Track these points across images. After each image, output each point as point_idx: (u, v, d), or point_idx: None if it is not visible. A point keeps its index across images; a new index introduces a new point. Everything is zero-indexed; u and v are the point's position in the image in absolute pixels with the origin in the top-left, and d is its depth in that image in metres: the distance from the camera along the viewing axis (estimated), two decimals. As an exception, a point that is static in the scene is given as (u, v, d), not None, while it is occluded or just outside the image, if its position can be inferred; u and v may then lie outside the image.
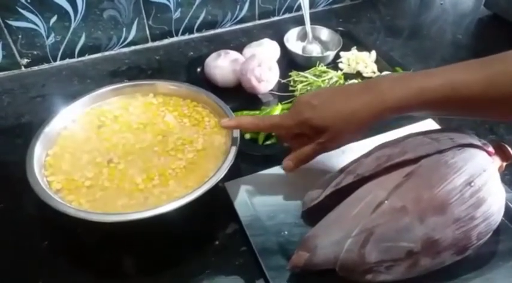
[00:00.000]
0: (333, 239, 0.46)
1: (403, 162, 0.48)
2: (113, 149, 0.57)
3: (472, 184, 0.46)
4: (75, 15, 0.81)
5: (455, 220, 0.44)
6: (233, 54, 0.76)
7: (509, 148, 0.52)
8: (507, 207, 0.54)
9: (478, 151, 0.50)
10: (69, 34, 0.82)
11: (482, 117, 0.60)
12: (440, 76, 0.47)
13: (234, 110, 0.70)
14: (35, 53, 0.82)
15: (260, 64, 0.72)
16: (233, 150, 0.55)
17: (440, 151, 0.48)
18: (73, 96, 0.63)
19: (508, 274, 0.49)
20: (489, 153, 0.51)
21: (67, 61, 0.86)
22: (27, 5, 0.76)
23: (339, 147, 0.55)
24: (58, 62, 0.85)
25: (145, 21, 0.87)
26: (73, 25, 0.82)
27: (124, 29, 0.86)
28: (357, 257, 0.44)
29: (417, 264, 0.44)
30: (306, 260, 0.47)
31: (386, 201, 0.45)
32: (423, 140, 0.50)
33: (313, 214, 0.52)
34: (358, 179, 0.50)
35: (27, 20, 0.77)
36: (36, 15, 0.78)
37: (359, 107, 0.49)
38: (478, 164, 0.47)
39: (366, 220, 0.44)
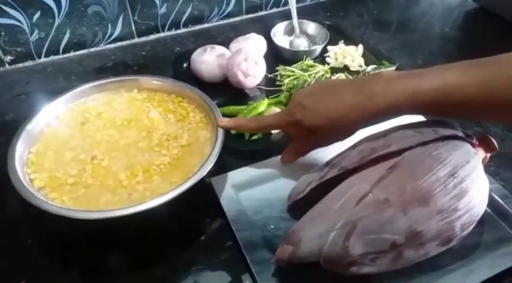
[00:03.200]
0: (317, 232, 0.46)
1: (386, 154, 0.48)
2: (97, 146, 0.57)
3: (456, 175, 0.46)
4: (59, 11, 0.80)
5: (438, 212, 0.44)
6: (219, 49, 0.76)
7: (493, 140, 0.53)
8: (492, 198, 0.55)
9: (462, 143, 0.50)
10: (53, 30, 0.81)
11: (478, 121, 0.60)
12: (435, 78, 0.46)
13: (221, 105, 0.70)
14: (19, 50, 0.81)
15: (246, 58, 0.72)
16: (218, 145, 0.54)
17: (424, 144, 0.48)
18: (58, 93, 0.62)
19: (491, 264, 0.49)
20: (473, 145, 0.51)
21: (52, 58, 0.85)
22: (9, 1, 0.75)
23: (331, 143, 0.56)
24: (43, 59, 0.84)
25: (130, 16, 0.86)
26: (57, 21, 0.81)
27: (109, 25, 0.85)
28: (341, 250, 0.44)
29: (401, 255, 0.44)
30: (291, 253, 0.46)
31: (370, 194, 0.45)
32: (407, 132, 0.50)
33: (299, 208, 0.52)
34: (342, 172, 0.50)
35: (9, 16, 0.76)
36: (18, 11, 0.76)
37: (350, 109, 0.49)
38: (461, 156, 0.48)
39: (349, 213, 0.44)
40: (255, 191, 0.58)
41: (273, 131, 0.66)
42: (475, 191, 0.47)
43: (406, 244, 0.44)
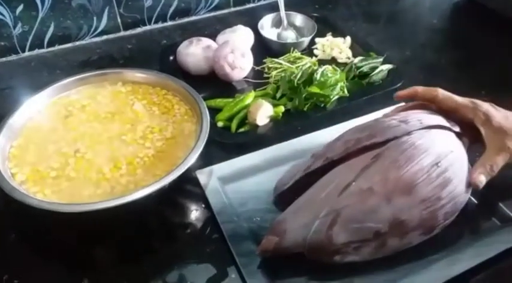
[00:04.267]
0: (302, 222, 0.46)
1: (371, 145, 0.48)
2: (80, 139, 0.56)
3: (439, 164, 0.46)
4: (43, 4, 0.78)
5: (421, 201, 0.44)
6: (206, 41, 0.75)
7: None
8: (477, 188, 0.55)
9: (446, 133, 0.50)
10: (37, 24, 0.80)
11: None
12: None
13: (208, 98, 0.69)
14: (2, 43, 0.80)
15: (233, 51, 0.71)
16: (203, 137, 0.54)
17: (409, 133, 0.48)
18: (42, 88, 0.62)
19: (475, 253, 0.49)
20: (458, 134, 0.51)
21: (36, 52, 0.83)
22: (-9, -7, 0.73)
23: None
24: (27, 53, 0.83)
25: (116, 9, 0.85)
26: (41, 14, 0.79)
27: (94, 18, 0.84)
28: (325, 238, 0.44)
29: (385, 244, 0.44)
30: (276, 244, 0.46)
31: (353, 183, 0.45)
32: (391, 122, 0.50)
33: (285, 200, 0.52)
34: (327, 163, 0.50)
35: (-9, 9, 0.75)
36: (1, 4, 0.75)
37: None
38: (445, 145, 0.48)
39: (333, 202, 0.44)
40: (241, 184, 0.58)
41: (261, 124, 0.65)
42: (458, 180, 0.47)
43: (389, 233, 0.44)
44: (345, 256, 0.44)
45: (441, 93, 0.54)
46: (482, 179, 0.49)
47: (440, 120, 0.51)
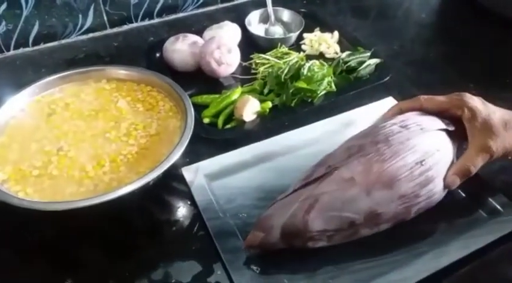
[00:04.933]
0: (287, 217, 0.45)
1: None
2: (63, 137, 0.55)
3: (423, 163, 0.46)
4: (27, 2, 0.77)
5: (400, 196, 0.44)
6: (192, 37, 0.74)
7: None
8: (466, 182, 0.55)
9: (438, 133, 0.50)
10: (21, 22, 0.79)
11: None
12: None
13: (195, 94, 0.69)
14: (-14, 42, 0.79)
15: (219, 46, 0.70)
16: (187, 133, 0.53)
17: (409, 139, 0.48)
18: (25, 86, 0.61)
19: (463, 245, 0.49)
20: (451, 133, 0.51)
21: (21, 50, 0.82)
22: (-27, -8, 0.72)
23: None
24: (12, 52, 0.82)
25: (102, 6, 0.84)
26: (25, 12, 0.78)
27: (80, 16, 0.83)
28: (300, 223, 0.44)
29: (356, 233, 0.45)
30: (262, 239, 0.46)
31: (335, 171, 0.44)
32: (392, 128, 0.49)
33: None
34: (329, 171, 0.47)
35: (-27, 7, 0.74)
36: (-16, 3, 0.74)
37: None
38: (432, 144, 0.48)
39: (313, 187, 0.44)
40: (228, 180, 0.57)
41: (247, 120, 0.65)
42: (440, 180, 0.47)
43: (363, 224, 0.44)
44: (316, 243, 0.44)
45: (423, 101, 0.54)
46: (456, 182, 0.49)
47: (439, 123, 0.50)
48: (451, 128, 0.51)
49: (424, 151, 0.46)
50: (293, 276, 0.47)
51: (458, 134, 0.51)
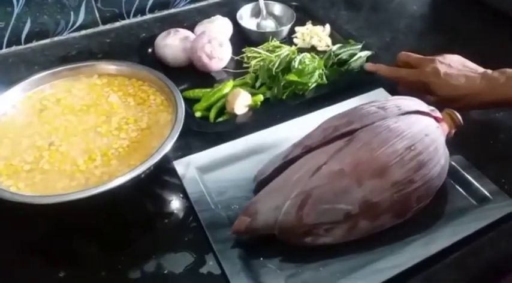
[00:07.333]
0: (273, 204, 0.46)
1: (349, 131, 0.48)
2: (55, 132, 0.55)
3: (413, 148, 0.46)
4: (18, 0, 0.77)
5: (394, 184, 0.44)
6: (183, 32, 0.75)
7: (458, 115, 0.53)
8: (453, 168, 0.55)
9: (424, 117, 0.50)
10: (13, 20, 0.79)
11: None
12: None
13: (187, 89, 0.69)
14: (-22, 40, 0.79)
15: (210, 41, 0.71)
16: (178, 126, 0.53)
17: (386, 119, 0.48)
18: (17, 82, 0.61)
19: (452, 232, 0.49)
20: (437, 119, 0.51)
21: (14, 48, 0.82)
22: (-36, -10, 0.72)
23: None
24: (4, 50, 0.82)
25: (93, 3, 0.84)
26: (16, 10, 0.78)
27: (72, 13, 0.83)
28: (295, 219, 0.44)
29: (356, 226, 0.44)
30: (247, 225, 0.46)
31: (324, 165, 0.45)
32: (370, 109, 0.50)
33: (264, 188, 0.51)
34: (305, 151, 0.49)
35: (-36, 6, 0.74)
36: (-25, 1, 0.74)
37: (473, 94, 0.59)
38: (420, 129, 0.48)
39: (304, 183, 0.44)
40: (219, 173, 0.58)
41: (239, 113, 0.65)
42: (432, 164, 0.47)
43: (360, 214, 0.44)
44: (316, 239, 0.44)
45: (401, 55, 0.69)
46: (370, 67, 0.70)
47: (419, 105, 0.51)
48: (436, 114, 0.51)
49: (413, 136, 0.46)
50: (284, 264, 0.47)
51: (445, 122, 0.52)
